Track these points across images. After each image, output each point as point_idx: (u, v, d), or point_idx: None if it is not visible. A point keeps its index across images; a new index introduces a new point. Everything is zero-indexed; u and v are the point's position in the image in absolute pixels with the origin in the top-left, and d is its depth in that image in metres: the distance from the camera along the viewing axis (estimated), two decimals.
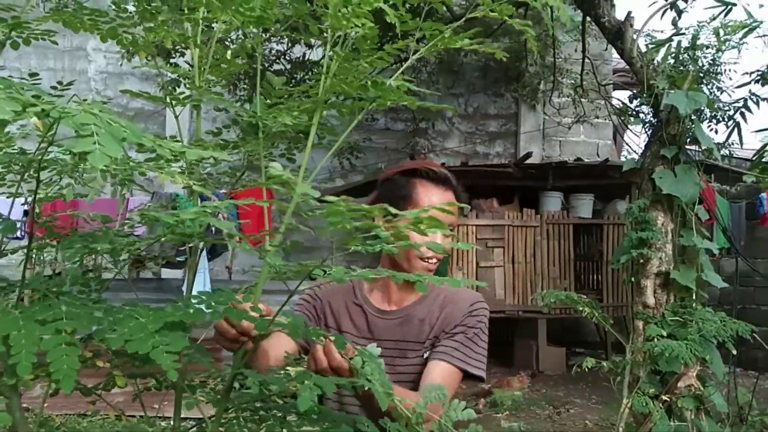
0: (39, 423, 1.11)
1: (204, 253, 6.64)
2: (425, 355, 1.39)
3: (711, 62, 6.31)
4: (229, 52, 1.17)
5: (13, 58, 8.43)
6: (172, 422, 1.14)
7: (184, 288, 6.04)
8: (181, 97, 1.06)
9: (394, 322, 1.43)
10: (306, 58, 6.05)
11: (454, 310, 1.42)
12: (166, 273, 7.41)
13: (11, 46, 1.09)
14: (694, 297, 3.20)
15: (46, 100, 0.59)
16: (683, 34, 4.46)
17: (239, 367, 0.99)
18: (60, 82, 1.04)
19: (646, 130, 3.98)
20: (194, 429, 1.15)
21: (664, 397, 2.97)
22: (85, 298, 1.01)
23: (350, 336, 1.44)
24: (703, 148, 3.55)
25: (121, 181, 0.83)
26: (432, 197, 1.38)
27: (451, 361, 1.35)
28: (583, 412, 5.78)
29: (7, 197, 1.23)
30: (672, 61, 4.18)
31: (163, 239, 0.99)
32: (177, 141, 1.22)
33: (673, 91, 3.32)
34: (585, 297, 3.34)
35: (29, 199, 1.40)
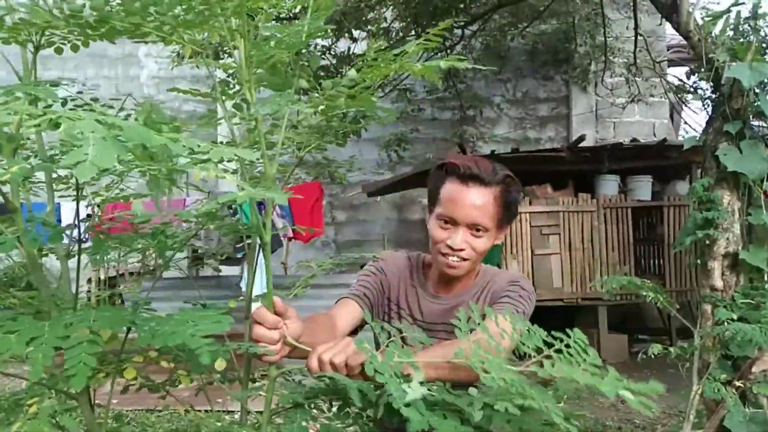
0: (114, 417, 1.14)
1: (260, 250, 6.75)
2: None
3: None
4: (273, 42, 1.16)
5: (71, 68, 8.78)
6: (238, 416, 1.15)
7: (241, 284, 6.16)
8: (231, 91, 1.06)
9: (444, 307, 1.47)
10: (351, 52, 6.05)
11: (494, 288, 1.46)
12: (226, 270, 7.59)
13: (71, 48, 1.12)
14: (765, 278, 3.05)
15: (52, 110, 0.60)
16: (743, 3, 4.24)
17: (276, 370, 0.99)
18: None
19: (706, 106, 3.81)
20: (251, 423, 1.16)
21: (737, 383, 2.84)
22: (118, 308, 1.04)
23: (404, 313, 1.50)
24: None
25: (164, 180, 0.83)
26: (452, 193, 1.37)
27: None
28: (648, 401, 5.61)
29: (72, 199, 1.27)
30: (731, 33, 3.98)
31: (193, 233, 1.00)
32: (229, 143, 1.23)
33: (735, 64, 3.17)
34: (648, 281, 3.24)
35: (92, 201, 1.44)
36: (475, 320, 0.93)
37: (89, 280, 6.16)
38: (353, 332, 1.46)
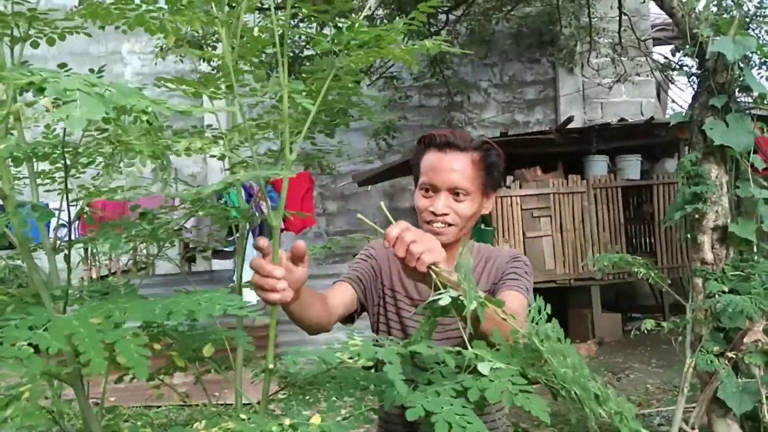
0: (107, 410, 1.14)
1: (251, 242, 6.75)
2: None
3: (758, 5, 6.01)
4: (256, 29, 1.15)
5: (52, 66, 8.67)
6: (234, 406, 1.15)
7: (234, 278, 6.15)
8: (216, 80, 1.05)
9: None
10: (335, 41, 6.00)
11: (497, 264, 1.47)
12: (217, 265, 7.58)
13: (47, 41, 1.11)
14: (755, 249, 3.08)
15: (37, 75, 0.59)
16: None
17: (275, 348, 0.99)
18: (93, 70, 1.04)
19: (692, 82, 3.82)
20: (255, 408, 1.16)
21: (729, 355, 2.87)
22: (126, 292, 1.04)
23: (400, 296, 1.49)
24: (755, 94, 3.39)
25: (158, 160, 0.83)
26: (429, 161, 1.41)
27: (519, 290, 1.38)
28: (643, 377, 5.68)
29: (58, 194, 1.26)
30: (714, 8, 3.99)
31: (208, 217, 0.99)
32: (213, 129, 1.22)
33: (718, 38, 3.17)
34: (640, 258, 3.26)
35: (78, 194, 1.43)
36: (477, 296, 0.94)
37: (81, 279, 6.13)
38: (349, 317, 1.46)
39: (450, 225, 1.39)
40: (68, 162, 1.05)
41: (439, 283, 0.99)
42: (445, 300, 0.94)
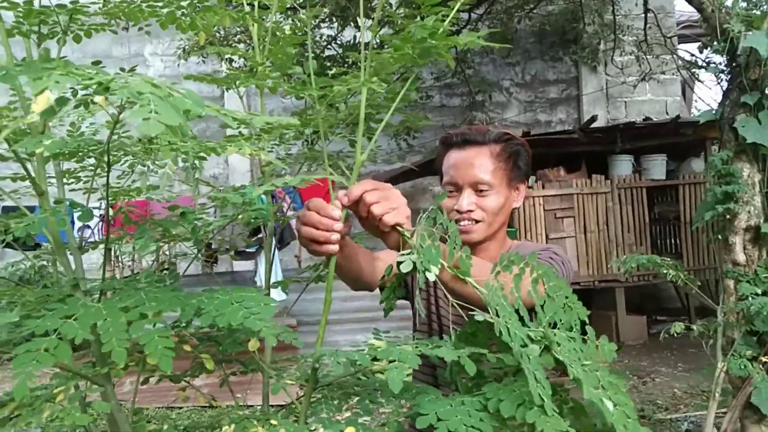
0: (133, 412, 1.13)
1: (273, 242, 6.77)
2: None
3: None
4: (287, 27, 1.13)
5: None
6: (261, 407, 1.13)
7: (256, 279, 6.17)
8: (243, 75, 1.03)
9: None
10: (356, 41, 6.00)
11: (525, 253, 1.38)
12: (238, 266, 7.60)
13: (74, 39, 1.10)
14: None
15: (104, 74, 0.57)
16: None
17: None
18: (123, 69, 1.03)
19: (720, 80, 3.73)
20: (283, 411, 1.14)
21: (763, 359, 2.79)
22: (162, 287, 1.01)
23: (431, 290, 1.43)
24: None
25: (192, 159, 0.81)
26: (449, 160, 1.39)
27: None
28: (669, 381, 5.57)
29: (84, 193, 1.25)
30: (745, 3, 3.89)
31: (231, 219, 0.97)
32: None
33: (751, 33, 3.09)
34: (668, 260, 3.19)
35: (103, 194, 1.42)
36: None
37: (103, 280, 6.20)
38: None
39: (477, 222, 1.35)
40: (95, 160, 1.03)
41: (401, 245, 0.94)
42: (407, 265, 0.90)
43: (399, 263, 0.89)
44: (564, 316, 0.82)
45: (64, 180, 1.26)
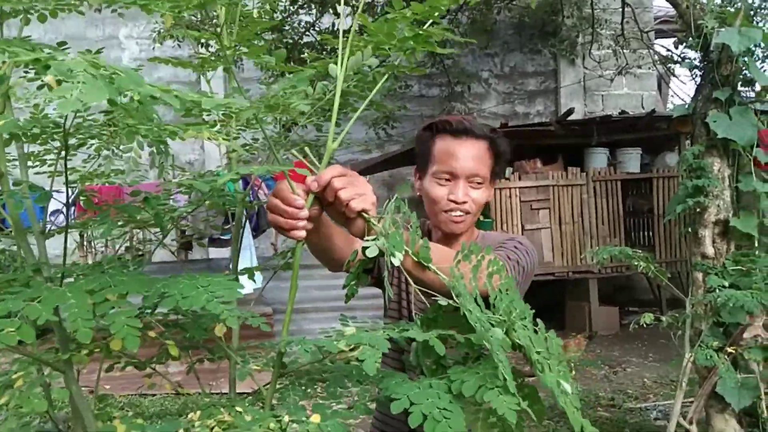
0: (98, 398, 1.12)
1: (248, 229, 6.72)
2: None
3: None
4: (255, 11, 1.12)
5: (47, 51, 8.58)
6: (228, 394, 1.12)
7: (231, 266, 6.13)
8: (212, 59, 1.02)
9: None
10: (335, 28, 5.95)
11: (491, 242, 1.40)
12: (214, 253, 7.54)
13: (38, 18, 1.07)
14: (756, 244, 3.05)
15: (40, 52, 0.56)
16: None
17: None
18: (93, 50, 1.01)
19: (694, 75, 3.78)
20: (250, 398, 1.14)
21: (729, 350, 2.85)
22: (127, 272, 1.00)
23: (402, 275, 1.39)
24: (759, 87, 3.36)
25: (155, 145, 0.80)
26: (448, 148, 1.37)
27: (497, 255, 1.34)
28: (640, 371, 5.67)
29: (48, 176, 1.22)
30: (719, 0, 3.94)
31: (197, 206, 0.96)
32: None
33: (723, 29, 3.13)
34: (639, 252, 3.23)
35: (73, 186, 1.39)
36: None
37: (75, 265, 6.11)
38: (368, 271, 1.41)
39: (467, 213, 1.36)
40: (59, 143, 1.01)
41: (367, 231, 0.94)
42: (372, 250, 0.90)
43: (364, 249, 0.89)
44: (519, 305, 0.83)
45: (29, 163, 1.23)
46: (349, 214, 0.94)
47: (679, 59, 6.48)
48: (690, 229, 3.22)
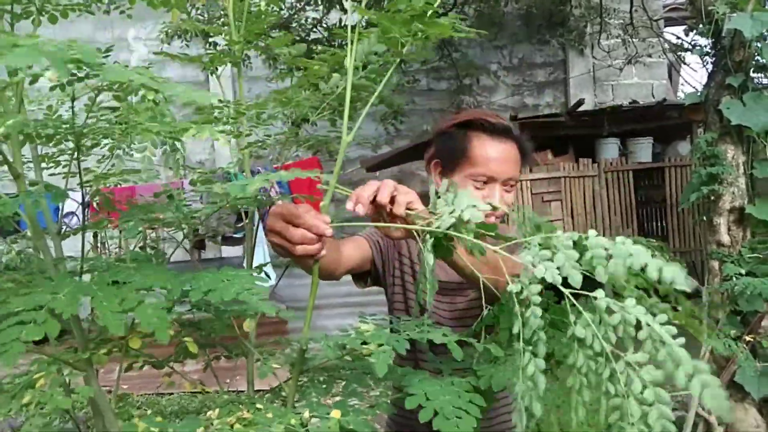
0: (118, 398, 1.12)
1: (261, 226, 6.73)
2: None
3: None
4: (263, 3, 1.11)
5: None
6: (246, 392, 1.12)
7: (245, 264, 6.15)
8: (221, 56, 1.01)
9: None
10: (342, 24, 5.94)
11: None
12: (227, 251, 7.58)
13: (49, 19, 1.07)
14: None
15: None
16: None
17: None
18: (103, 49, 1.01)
19: (705, 63, 3.74)
20: (269, 395, 1.13)
21: (747, 338, 2.83)
22: (150, 265, 1.00)
23: (407, 268, 1.43)
24: None
25: (169, 143, 0.79)
26: (488, 151, 1.30)
27: None
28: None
29: (62, 177, 1.23)
30: None
31: (219, 206, 0.96)
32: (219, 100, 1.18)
33: (735, 15, 3.09)
34: (654, 241, 3.21)
35: (86, 189, 1.40)
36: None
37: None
38: (361, 276, 1.39)
39: (497, 218, 1.32)
40: (73, 144, 1.01)
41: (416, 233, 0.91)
42: (447, 221, 0.82)
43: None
44: None
45: (43, 165, 1.23)
46: (397, 211, 0.90)
47: (690, 46, 6.41)
48: (705, 218, 3.19)
